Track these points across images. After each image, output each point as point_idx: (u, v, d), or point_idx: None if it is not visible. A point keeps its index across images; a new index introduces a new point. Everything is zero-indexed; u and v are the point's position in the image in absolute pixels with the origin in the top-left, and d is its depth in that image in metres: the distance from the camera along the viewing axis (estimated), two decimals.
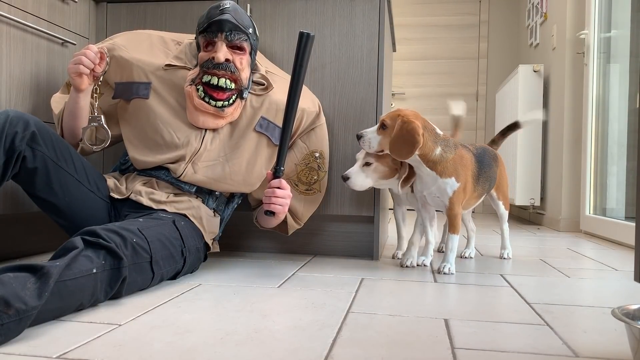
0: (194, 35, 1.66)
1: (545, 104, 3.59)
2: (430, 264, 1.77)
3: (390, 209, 4.65)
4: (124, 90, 1.55)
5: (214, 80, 1.46)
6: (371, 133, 1.55)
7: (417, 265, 1.72)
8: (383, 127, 1.54)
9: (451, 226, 1.63)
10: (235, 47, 1.50)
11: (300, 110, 1.60)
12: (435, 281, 1.49)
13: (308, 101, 1.65)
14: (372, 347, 0.90)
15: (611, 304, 1.26)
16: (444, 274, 1.60)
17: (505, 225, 1.97)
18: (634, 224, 2.36)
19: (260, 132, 1.57)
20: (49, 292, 0.93)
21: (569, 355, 0.89)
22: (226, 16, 1.46)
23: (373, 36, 1.79)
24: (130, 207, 1.47)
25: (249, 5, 1.84)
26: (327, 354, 0.86)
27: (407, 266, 1.70)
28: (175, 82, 1.53)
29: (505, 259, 1.92)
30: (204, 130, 1.51)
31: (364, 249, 1.89)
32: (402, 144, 1.50)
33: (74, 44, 1.80)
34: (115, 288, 1.13)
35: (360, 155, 1.62)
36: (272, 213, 1.45)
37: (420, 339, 0.95)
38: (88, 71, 1.41)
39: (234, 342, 0.90)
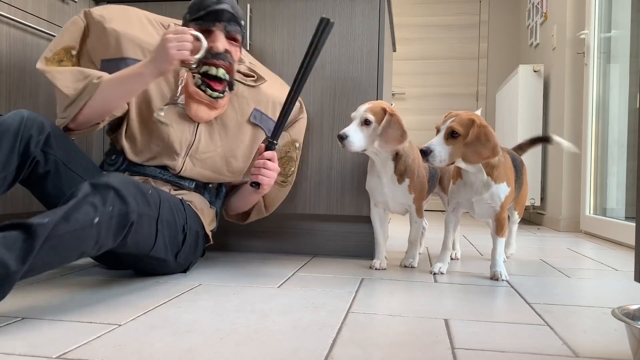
0: (181, 21, 1.62)
1: (545, 104, 3.59)
2: (443, 271, 1.70)
3: None
4: (115, 67, 1.44)
5: (213, 71, 1.42)
6: (439, 145, 1.41)
7: (434, 273, 1.59)
8: (452, 135, 1.41)
9: (500, 229, 1.56)
10: (231, 39, 1.47)
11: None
12: (436, 281, 1.49)
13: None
14: (372, 347, 0.90)
15: (611, 304, 1.26)
16: (503, 280, 1.52)
17: (515, 227, 1.94)
18: (634, 224, 2.36)
19: (255, 124, 1.57)
20: (32, 255, 0.91)
21: (569, 355, 0.89)
22: (225, 5, 1.44)
23: (373, 36, 1.79)
24: None
25: (249, 5, 1.84)
26: (327, 354, 0.86)
27: (405, 266, 1.70)
28: None
29: (507, 256, 1.91)
30: (196, 123, 1.49)
31: (364, 249, 1.89)
32: (482, 148, 1.41)
33: None
34: (124, 233, 1.11)
35: (356, 114, 1.54)
36: (258, 185, 1.43)
37: (420, 339, 0.95)
38: (188, 59, 1.31)
39: (234, 342, 0.90)
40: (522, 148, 1.92)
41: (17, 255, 0.90)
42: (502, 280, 1.52)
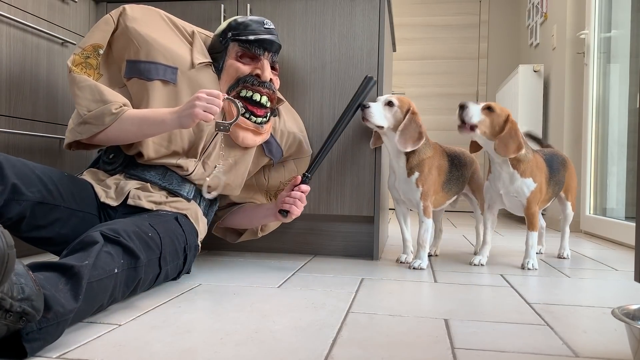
0: (201, 29, 1.63)
1: (545, 104, 3.59)
2: (475, 262, 1.77)
3: (390, 209, 4.65)
4: (145, 70, 1.42)
5: (257, 97, 1.47)
6: (476, 108, 1.62)
7: (475, 264, 1.76)
8: (489, 109, 1.63)
9: (530, 224, 1.73)
10: (273, 68, 1.55)
11: (297, 135, 1.69)
12: (435, 281, 1.49)
13: (301, 127, 1.74)
14: (372, 347, 0.90)
15: (611, 304, 1.26)
16: (528, 269, 1.69)
17: (568, 227, 2.01)
18: (634, 224, 2.36)
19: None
20: (82, 294, 0.90)
21: (569, 355, 0.89)
22: (274, 37, 1.51)
23: (373, 36, 1.79)
24: (126, 212, 1.39)
25: (249, 5, 1.84)
26: (327, 354, 0.86)
27: (414, 268, 1.66)
28: (200, 80, 1.47)
29: (565, 258, 1.97)
30: (215, 132, 1.49)
31: (364, 249, 1.89)
32: (511, 142, 1.62)
33: (74, 44, 1.80)
34: (132, 287, 1.11)
35: (381, 97, 1.67)
36: (286, 214, 1.51)
37: (420, 339, 0.95)
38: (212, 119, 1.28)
39: (234, 342, 0.90)
40: (549, 146, 2.06)
41: (68, 294, 0.88)
42: (529, 269, 1.69)
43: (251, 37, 1.47)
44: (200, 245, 1.50)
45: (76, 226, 1.30)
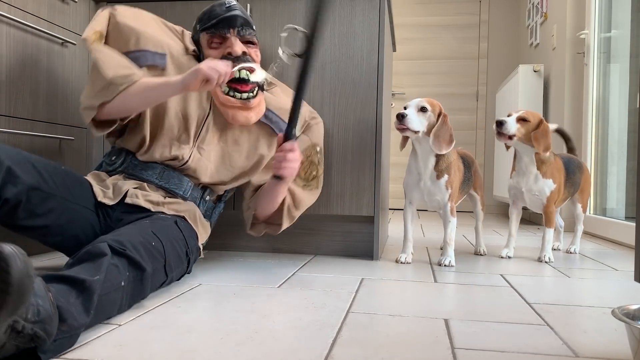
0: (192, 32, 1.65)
1: (545, 104, 3.59)
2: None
3: (390, 209, 4.65)
4: (133, 58, 1.46)
5: (235, 73, 1.46)
6: (512, 121, 1.81)
7: (502, 257, 1.93)
8: (524, 120, 1.82)
9: (547, 221, 1.90)
10: (247, 42, 1.53)
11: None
12: (435, 281, 1.49)
13: (304, 109, 1.72)
14: (372, 347, 0.90)
15: (611, 304, 1.26)
16: (546, 262, 1.84)
17: (581, 226, 2.16)
18: (634, 224, 2.36)
19: (265, 123, 1.60)
20: (94, 308, 0.90)
21: (569, 355, 0.89)
22: (236, 12, 1.49)
23: (373, 36, 1.79)
24: (124, 210, 1.39)
25: (249, 5, 1.84)
26: (327, 354, 0.86)
27: (445, 265, 1.73)
28: (190, 67, 1.47)
29: (572, 253, 2.13)
30: (207, 114, 1.52)
31: (364, 249, 1.89)
32: (542, 140, 1.80)
33: (74, 44, 1.80)
34: (138, 299, 1.11)
35: (411, 102, 1.71)
36: (280, 177, 1.45)
37: (420, 339, 0.95)
38: (214, 84, 1.31)
39: (234, 342, 0.90)
40: (572, 149, 2.20)
41: (80, 308, 0.88)
42: (547, 262, 1.85)
43: (214, 21, 1.49)
44: (202, 247, 1.48)
45: (73, 218, 1.31)
